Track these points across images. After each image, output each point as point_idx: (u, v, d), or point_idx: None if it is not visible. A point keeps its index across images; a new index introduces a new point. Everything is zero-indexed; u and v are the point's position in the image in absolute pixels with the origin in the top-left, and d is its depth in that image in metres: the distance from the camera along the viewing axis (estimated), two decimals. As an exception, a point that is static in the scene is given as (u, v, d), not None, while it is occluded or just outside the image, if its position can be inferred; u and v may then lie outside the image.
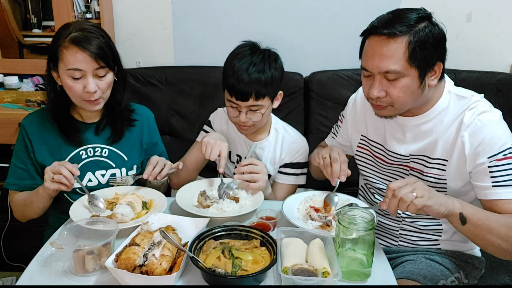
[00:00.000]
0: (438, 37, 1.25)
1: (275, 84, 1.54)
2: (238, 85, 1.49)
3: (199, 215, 1.35)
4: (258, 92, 1.50)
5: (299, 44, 2.38)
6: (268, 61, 1.53)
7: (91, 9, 2.29)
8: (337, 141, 1.69)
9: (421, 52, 1.22)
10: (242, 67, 1.50)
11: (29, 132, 1.52)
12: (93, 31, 1.43)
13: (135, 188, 1.53)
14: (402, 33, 1.21)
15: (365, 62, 1.30)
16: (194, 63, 2.40)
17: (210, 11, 2.36)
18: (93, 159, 1.56)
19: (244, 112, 1.54)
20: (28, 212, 1.52)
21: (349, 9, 2.30)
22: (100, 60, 1.40)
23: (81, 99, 1.44)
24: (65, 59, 1.39)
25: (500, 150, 1.26)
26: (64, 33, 1.41)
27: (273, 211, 1.41)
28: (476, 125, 1.28)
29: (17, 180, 1.53)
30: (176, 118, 2.30)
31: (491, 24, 2.31)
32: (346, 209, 1.19)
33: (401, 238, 1.52)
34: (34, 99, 2.30)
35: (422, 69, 1.24)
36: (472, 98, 1.32)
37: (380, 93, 1.28)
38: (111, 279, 1.10)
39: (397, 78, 1.24)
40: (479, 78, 2.18)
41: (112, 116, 1.58)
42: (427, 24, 1.24)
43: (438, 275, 1.39)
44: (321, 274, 1.08)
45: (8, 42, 2.47)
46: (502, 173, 1.26)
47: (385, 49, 1.23)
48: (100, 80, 1.44)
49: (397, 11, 1.28)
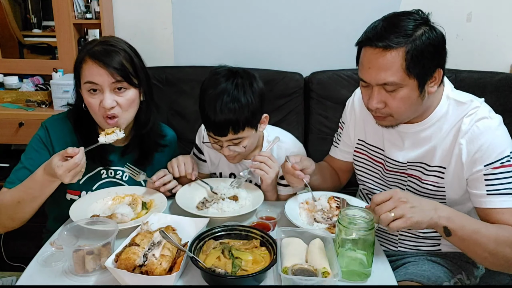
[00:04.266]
0: (436, 43, 1.20)
1: (253, 111, 1.41)
2: (213, 119, 1.39)
3: (199, 215, 1.35)
4: (236, 126, 1.39)
5: (299, 44, 2.39)
6: (242, 88, 1.40)
7: (91, 9, 2.29)
8: (340, 149, 1.63)
9: (419, 61, 1.18)
10: (215, 98, 1.38)
11: (52, 134, 1.47)
12: (114, 45, 1.39)
13: (135, 188, 1.53)
14: (398, 44, 1.16)
15: (362, 73, 1.26)
16: (194, 63, 2.40)
17: (210, 11, 2.36)
18: (111, 180, 1.54)
19: (226, 146, 1.45)
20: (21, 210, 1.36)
21: (350, 9, 2.30)
22: (116, 73, 1.35)
23: (99, 115, 1.39)
24: (83, 73, 1.37)
25: (497, 158, 1.23)
26: (86, 48, 1.39)
27: (273, 211, 1.41)
28: (474, 132, 1.25)
29: (19, 182, 1.39)
30: (176, 118, 2.30)
31: (491, 24, 2.31)
32: (346, 209, 1.18)
33: (400, 243, 1.51)
34: (34, 99, 2.30)
35: (422, 78, 1.20)
36: (471, 104, 1.29)
37: (379, 105, 1.25)
38: (111, 279, 1.10)
39: (395, 89, 1.21)
40: (479, 78, 2.18)
41: (139, 139, 1.52)
42: (424, 31, 1.19)
43: (442, 276, 1.38)
44: (321, 274, 1.08)
45: (8, 42, 2.47)
46: (498, 182, 1.23)
47: (382, 61, 1.18)
48: (119, 96, 1.38)
49: (392, 19, 1.22)
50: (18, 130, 2.20)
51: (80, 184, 1.49)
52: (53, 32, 2.36)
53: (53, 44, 2.39)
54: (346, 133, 1.60)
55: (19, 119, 2.19)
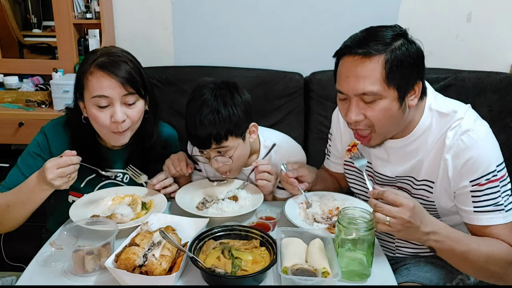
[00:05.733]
0: (415, 55, 1.17)
1: (236, 121, 1.38)
2: (194, 132, 1.38)
3: (198, 215, 1.35)
4: (217, 136, 1.36)
5: (299, 44, 2.39)
6: (222, 98, 1.38)
7: (91, 9, 2.29)
8: (331, 160, 1.62)
9: (399, 72, 1.14)
10: (195, 111, 1.37)
11: (51, 142, 1.44)
12: (120, 55, 1.35)
13: (135, 188, 1.52)
14: (378, 51, 1.14)
15: (340, 84, 1.22)
16: (194, 63, 2.40)
17: (210, 11, 2.36)
18: (112, 182, 1.53)
19: (213, 158, 1.43)
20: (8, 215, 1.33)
21: (350, 9, 2.30)
22: (128, 85, 1.31)
23: (108, 130, 1.35)
24: (90, 86, 1.30)
25: (483, 174, 1.20)
26: (90, 58, 1.33)
27: (273, 211, 1.41)
28: (459, 146, 1.21)
29: (12, 186, 1.38)
30: (176, 118, 2.30)
31: (491, 24, 2.31)
32: (346, 209, 1.18)
33: (397, 250, 1.50)
34: (34, 99, 2.31)
35: (401, 89, 1.17)
36: (454, 116, 1.24)
37: (358, 116, 1.20)
38: (111, 279, 1.10)
39: (374, 100, 1.17)
40: (479, 78, 2.18)
41: (141, 149, 1.49)
42: (403, 42, 1.16)
43: (443, 277, 1.37)
44: (321, 274, 1.08)
45: (8, 42, 2.47)
46: (484, 198, 1.21)
47: (361, 69, 1.15)
48: (129, 109, 1.34)
49: (371, 29, 1.21)
50: (18, 130, 2.20)
51: (81, 187, 1.50)
52: (53, 32, 2.36)
53: (53, 44, 2.39)
54: (334, 145, 1.58)
55: (19, 119, 2.19)
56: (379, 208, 1.10)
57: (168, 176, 1.50)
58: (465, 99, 2.23)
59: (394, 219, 1.08)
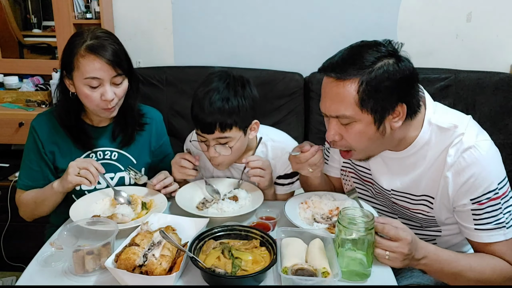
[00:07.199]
0: (397, 77, 1.12)
1: (243, 113, 1.39)
2: (201, 115, 1.37)
3: (199, 215, 1.35)
4: (223, 123, 1.36)
5: (299, 44, 2.39)
6: (233, 88, 1.39)
7: (91, 9, 2.29)
8: (330, 165, 1.58)
9: (374, 96, 1.11)
10: (205, 95, 1.38)
11: (40, 133, 1.51)
12: (107, 38, 1.42)
13: (135, 188, 1.53)
14: (353, 76, 1.11)
15: (320, 102, 1.21)
16: (194, 63, 2.40)
17: (210, 11, 2.37)
18: (102, 162, 1.54)
19: (213, 146, 1.42)
20: (38, 210, 1.51)
21: (350, 9, 2.30)
22: (117, 67, 1.40)
23: (97, 107, 1.44)
24: (82, 68, 1.37)
25: (484, 193, 1.18)
26: (79, 41, 1.39)
27: (273, 211, 1.41)
28: (460, 164, 1.18)
29: (31, 182, 1.52)
30: (176, 118, 2.31)
31: (491, 24, 2.32)
32: (346, 209, 1.18)
33: None
34: (34, 99, 2.31)
35: (377, 113, 1.14)
36: (455, 131, 1.20)
37: (335, 137, 1.20)
38: (111, 279, 1.10)
39: (350, 122, 1.16)
40: (479, 78, 2.18)
41: (124, 121, 1.57)
42: (384, 64, 1.11)
43: None
44: (321, 274, 1.08)
45: (8, 42, 2.48)
46: (485, 216, 1.20)
47: (335, 92, 1.14)
48: (116, 88, 1.43)
49: (355, 49, 1.17)
50: (18, 130, 2.20)
51: None
52: (53, 32, 2.36)
53: (53, 44, 2.40)
54: (332, 149, 1.54)
55: (19, 119, 2.19)
56: (378, 244, 1.12)
57: (168, 175, 1.50)
58: (465, 99, 2.26)
59: (393, 253, 1.11)
